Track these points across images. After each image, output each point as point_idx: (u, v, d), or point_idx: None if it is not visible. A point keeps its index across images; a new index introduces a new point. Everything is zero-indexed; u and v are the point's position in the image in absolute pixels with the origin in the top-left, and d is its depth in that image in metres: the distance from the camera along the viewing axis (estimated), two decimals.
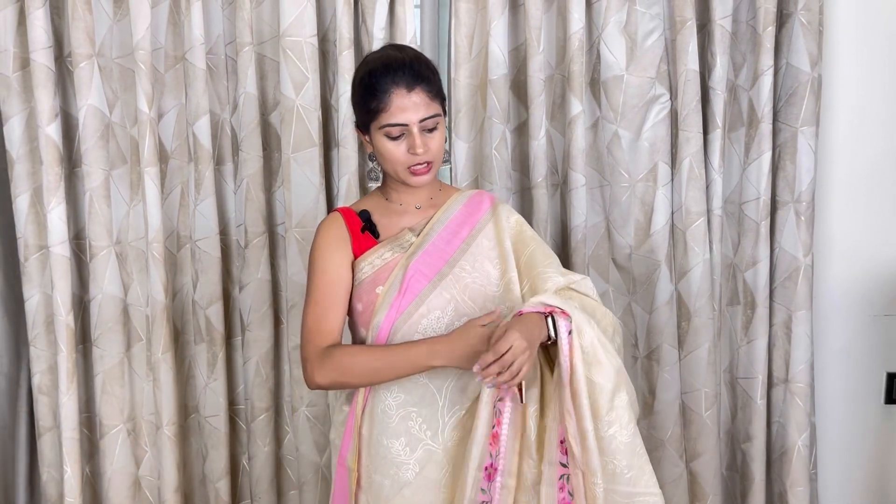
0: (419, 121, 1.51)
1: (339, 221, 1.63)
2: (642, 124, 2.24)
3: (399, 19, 2.17)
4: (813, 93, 2.23)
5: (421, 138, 1.51)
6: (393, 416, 1.55)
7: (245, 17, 2.12)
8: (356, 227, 1.62)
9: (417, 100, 1.50)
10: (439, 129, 1.54)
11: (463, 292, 1.57)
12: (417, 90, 1.50)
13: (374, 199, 1.67)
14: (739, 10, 2.25)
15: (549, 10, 2.23)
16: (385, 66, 1.52)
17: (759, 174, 2.27)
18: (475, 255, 1.60)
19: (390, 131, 1.51)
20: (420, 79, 1.51)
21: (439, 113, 1.54)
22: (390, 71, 1.50)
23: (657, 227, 2.25)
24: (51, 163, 2.09)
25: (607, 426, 1.44)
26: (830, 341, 2.45)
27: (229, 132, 2.22)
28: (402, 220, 1.63)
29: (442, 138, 1.55)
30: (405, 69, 1.50)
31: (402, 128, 1.51)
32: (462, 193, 1.68)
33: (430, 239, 1.60)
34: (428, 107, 1.51)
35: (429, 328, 1.55)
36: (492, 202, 1.68)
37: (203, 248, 2.20)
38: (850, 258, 2.41)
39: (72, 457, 2.16)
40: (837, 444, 2.49)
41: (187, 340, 2.29)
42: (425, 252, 1.58)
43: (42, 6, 2.04)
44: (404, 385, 1.55)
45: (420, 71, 1.51)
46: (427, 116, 1.51)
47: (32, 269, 2.17)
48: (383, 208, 1.65)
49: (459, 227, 1.62)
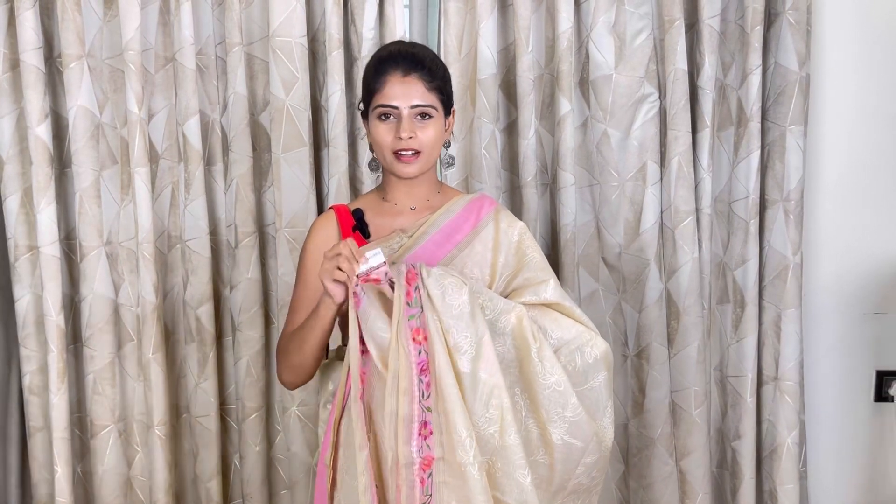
0: (410, 106, 1.52)
1: (331, 221, 1.63)
2: (631, 123, 2.25)
3: (388, 19, 2.17)
4: (801, 92, 2.24)
5: (409, 123, 1.52)
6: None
7: (235, 17, 2.13)
8: (348, 225, 1.62)
9: (412, 85, 1.52)
10: (433, 123, 1.54)
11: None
12: (413, 76, 1.53)
13: (371, 197, 1.68)
14: (728, 9, 2.26)
15: (538, 10, 2.24)
16: (390, 53, 1.57)
17: (748, 173, 2.27)
18: (465, 260, 1.59)
19: (382, 112, 1.54)
20: (419, 66, 1.53)
21: (434, 105, 1.54)
22: (392, 56, 1.55)
23: (646, 225, 2.26)
24: (41, 163, 2.09)
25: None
26: (820, 339, 2.45)
27: (219, 132, 2.23)
28: (395, 221, 1.62)
29: (435, 132, 1.55)
30: (406, 56, 1.54)
31: (394, 110, 1.53)
32: (462, 197, 1.67)
33: (421, 242, 1.59)
34: (423, 95, 1.53)
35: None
36: (493, 208, 1.66)
37: (193, 248, 2.20)
38: (839, 256, 2.42)
39: (63, 457, 2.16)
40: (827, 442, 2.50)
41: (178, 340, 2.29)
42: (414, 255, 1.57)
43: (32, 7, 2.04)
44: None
45: (421, 60, 1.54)
46: (419, 104, 1.53)
47: (23, 270, 2.17)
48: (378, 208, 1.64)
49: (454, 232, 1.61)
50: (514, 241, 1.62)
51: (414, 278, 1.45)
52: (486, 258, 1.60)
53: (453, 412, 1.39)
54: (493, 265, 1.60)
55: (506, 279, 1.60)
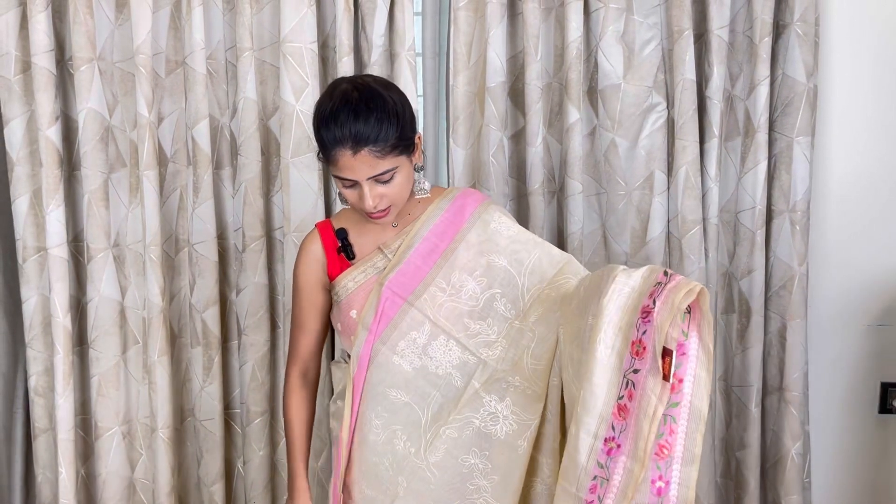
0: (367, 178, 1.46)
1: (316, 242, 1.63)
2: (639, 133, 2.25)
3: (398, 26, 2.18)
4: (808, 103, 2.25)
5: (373, 191, 1.47)
6: (381, 434, 1.55)
7: (245, 22, 2.14)
8: (332, 245, 1.62)
9: (363, 161, 1.44)
10: (397, 176, 1.48)
11: (438, 311, 1.55)
12: (363, 152, 1.43)
13: (353, 212, 1.64)
14: (736, 20, 2.27)
15: (548, 19, 2.24)
16: (331, 119, 1.44)
17: (755, 183, 2.28)
18: (452, 269, 1.57)
19: (342, 182, 1.49)
20: (366, 141, 1.42)
21: (394, 166, 1.46)
22: (335, 127, 1.43)
23: (653, 234, 2.27)
24: (50, 165, 2.10)
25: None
26: (825, 350, 2.45)
27: (228, 137, 2.24)
28: (378, 237, 1.61)
29: (401, 184, 1.50)
30: (349, 129, 1.42)
31: (352, 182, 1.48)
32: (444, 198, 1.63)
33: (406, 257, 1.57)
34: (376, 165, 1.45)
35: (406, 349, 1.54)
36: (477, 204, 1.63)
37: (201, 251, 2.21)
38: (844, 268, 2.42)
39: (67, 458, 2.16)
40: (831, 453, 2.50)
41: (184, 344, 2.29)
42: (399, 272, 1.56)
43: (44, 10, 2.05)
44: (387, 405, 1.55)
45: (367, 130, 1.42)
46: (377, 174, 1.46)
47: (30, 271, 2.18)
48: (360, 224, 1.63)
49: (439, 241, 1.58)
50: (505, 238, 1.59)
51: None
52: (474, 263, 1.57)
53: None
54: (484, 268, 1.57)
55: (527, 278, 1.57)
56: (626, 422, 1.29)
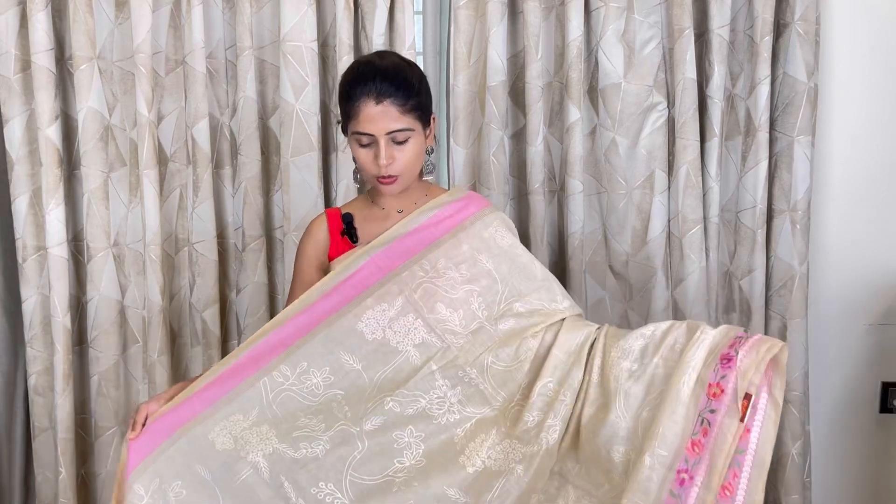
0: (386, 133, 1.51)
1: (322, 225, 1.68)
2: (640, 132, 2.25)
3: (398, 26, 2.18)
4: (809, 102, 2.25)
5: (387, 150, 1.52)
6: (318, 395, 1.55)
7: (245, 21, 2.13)
8: (338, 229, 1.66)
9: (385, 112, 1.50)
10: (411, 143, 1.54)
11: (414, 289, 1.57)
12: (386, 103, 1.50)
13: (362, 201, 1.70)
14: (737, 19, 2.26)
15: (548, 18, 2.24)
16: (360, 74, 1.53)
17: (756, 183, 2.28)
18: (439, 256, 1.60)
19: (359, 139, 1.54)
20: (390, 91, 1.50)
21: (411, 127, 1.53)
22: (362, 80, 1.51)
23: (654, 234, 2.26)
24: (50, 164, 2.09)
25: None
26: (825, 350, 2.45)
27: (228, 136, 2.23)
28: (383, 225, 1.64)
29: (414, 152, 1.55)
30: (376, 80, 1.50)
31: (370, 137, 1.53)
32: (450, 194, 1.67)
33: (397, 236, 1.60)
34: (397, 120, 1.51)
35: (372, 320, 1.55)
36: (482, 207, 1.67)
37: (200, 250, 2.21)
38: (845, 267, 2.42)
39: (66, 458, 2.16)
40: (832, 453, 2.50)
41: (184, 343, 2.29)
42: (389, 249, 1.59)
43: (44, 9, 2.05)
44: (336, 367, 1.55)
45: (393, 83, 1.51)
46: (395, 129, 1.51)
47: (30, 270, 2.17)
48: (367, 212, 1.67)
49: (435, 229, 1.62)
50: (501, 247, 1.62)
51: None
52: (461, 257, 1.60)
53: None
54: (472, 269, 1.59)
55: (509, 292, 1.60)
56: (701, 456, 1.40)
